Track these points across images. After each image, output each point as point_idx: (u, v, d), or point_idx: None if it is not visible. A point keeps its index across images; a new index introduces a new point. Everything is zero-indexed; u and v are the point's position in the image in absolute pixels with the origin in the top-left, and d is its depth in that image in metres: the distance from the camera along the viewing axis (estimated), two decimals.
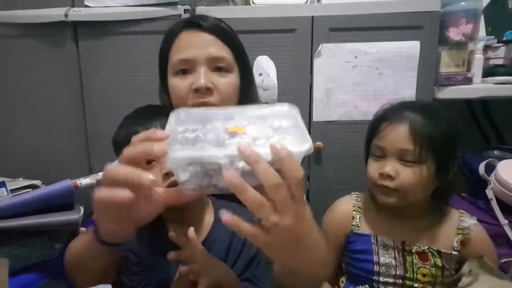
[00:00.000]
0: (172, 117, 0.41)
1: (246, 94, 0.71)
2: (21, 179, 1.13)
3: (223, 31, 0.67)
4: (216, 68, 0.66)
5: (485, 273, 0.66)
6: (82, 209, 0.90)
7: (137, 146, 0.38)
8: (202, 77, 0.63)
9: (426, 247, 0.71)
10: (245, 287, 0.59)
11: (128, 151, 0.38)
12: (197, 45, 0.64)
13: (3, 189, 0.96)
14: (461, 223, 0.73)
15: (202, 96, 0.63)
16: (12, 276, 0.79)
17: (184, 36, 0.67)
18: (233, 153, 0.35)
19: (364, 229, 0.76)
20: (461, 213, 0.76)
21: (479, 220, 0.91)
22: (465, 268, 0.67)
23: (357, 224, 0.77)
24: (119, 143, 0.61)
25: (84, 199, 0.92)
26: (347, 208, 0.80)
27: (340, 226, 0.79)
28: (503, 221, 0.88)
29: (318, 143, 1.12)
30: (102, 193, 0.39)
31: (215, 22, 0.67)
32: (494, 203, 0.91)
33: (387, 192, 0.70)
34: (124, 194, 0.37)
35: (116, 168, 0.38)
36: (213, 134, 0.38)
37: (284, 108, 0.45)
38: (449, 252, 0.70)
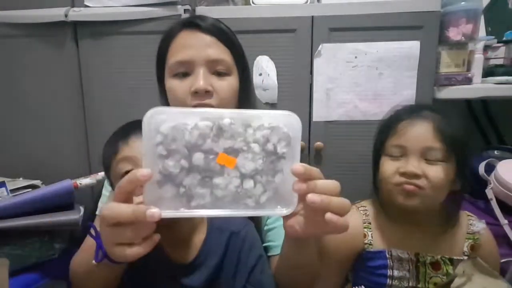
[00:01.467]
0: (156, 134, 0.38)
1: (245, 96, 0.70)
2: (21, 179, 1.13)
3: (222, 33, 0.66)
4: (215, 71, 0.64)
5: (479, 273, 0.65)
6: (82, 209, 0.90)
7: (124, 185, 0.38)
8: (202, 79, 0.62)
9: (439, 256, 0.69)
10: None
11: (117, 193, 0.38)
12: (196, 46, 0.63)
13: (3, 189, 0.96)
14: (470, 227, 0.71)
15: (201, 99, 0.63)
16: (12, 276, 0.79)
17: (182, 36, 0.65)
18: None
19: (378, 245, 0.73)
20: (468, 215, 0.74)
21: None
22: (459, 268, 0.66)
23: (370, 242, 0.73)
24: (106, 163, 0.58)
25: (84, 199, 0.92)
26: (357, 225, 0.74)
27: (351, 247, 0.74)
28: (503, 221, 0.88)
29: (318, 143, 1.12)
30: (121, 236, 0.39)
31: (214, 23, 0.66)
32: (494, 203, 0.91)
33: (410, 193, 0.66)
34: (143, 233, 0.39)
35: (118, 209, 0.38)
36: (200, 164, 0.38)
37: (286, 119, 0.40)
38: (461, 258, 0.69)
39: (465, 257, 0.69)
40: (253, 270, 0.59)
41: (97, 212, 0.75)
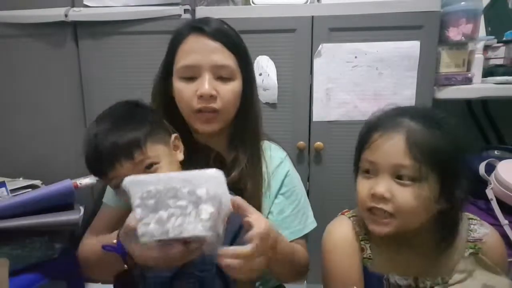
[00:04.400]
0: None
1: (248, 98, 0.74)
2: (21, 179, 1.13)
3: (227, 37, 0.69)
4: (220, 76, 0.68)
5: (480, 269, 0.60)
6: (82, 209, 0.90)
7: None
8: (206, 84, 0.66)
9: (439, 279, 0.61)
10: None
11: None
12: (202, 51, 0.66)
13: (3, 189, 0.95)
14: (471, 234, 0.62)
15: (206, 102, 0.67)
16: (12, 276, 0.78)
17: (189, 41, 0.68)
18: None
19: (376, 264, 0.63)
20: (470, 218, 0.64)
21: None
22: (460, 265, 0.61)
23: (369, 257, 0.63)
24: (89, 164, 0.65)
25: (84, 199, 0.91)
26: (350, 238, 0.64)
27: (351, 263, 0.63)
28: (503, 221, 0.88)
29: (318, 143, 1.12)
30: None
31: (220, 28, 0.69)
32: (494, 203, 0.90)
33: (380, 219, 0.57)
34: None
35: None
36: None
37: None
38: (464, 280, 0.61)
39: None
40: None
41: (104, 200, 0.80)
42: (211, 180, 0.50)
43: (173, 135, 0.68)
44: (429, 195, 0.55)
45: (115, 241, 0.54)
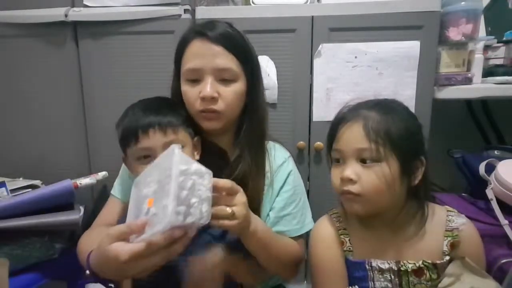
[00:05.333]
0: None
1: (253, 98, 0.77)
2: (21, 179, 1.13)
3: (230, 41, 0.71)
4: (222, 79, 0.71)
5: (467, 272, 0.63)
6: (82, 209, 0.90)
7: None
8: (209, 87, 0.69)
9: (420, 262, 0.65)
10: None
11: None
12: (205, 56, 0.70)
13: (3, 189, 0.96)
14: (449, 224, 0.67)
15: (208, 104, 0.70)
16: (12, 276, 0.79)
17: (194, 45, 0.71)
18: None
19: (357, 253, 0.69)
20: (448, 210, 0.70)
21: (480, 221, 0.92)
22: (448, 269, 0.64)
23: (349, 249, 0.69)
24: (122, 132, 0.70)
25: (84, 199, 0.92)
26: (332, 233, 0.71)
27: (334, 255, 0.69)
28: (503, 221, 0.88)
29: (318, 143, 1.12)
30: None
31: (222, 32, 0.71)
32: (494, 203, 0.90)
33: (351, 198, 0.64)
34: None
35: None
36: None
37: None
38: (443, 261, 0.65)
39: (447, 257, 0.65)
40: None
41: (111, 192, 0.84)
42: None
43: (196, 137, 0.75)
44: (390, 173, 0.62)
45: (87, 271, 0.56)
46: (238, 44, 0.72)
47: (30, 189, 1.03)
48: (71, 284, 1.02)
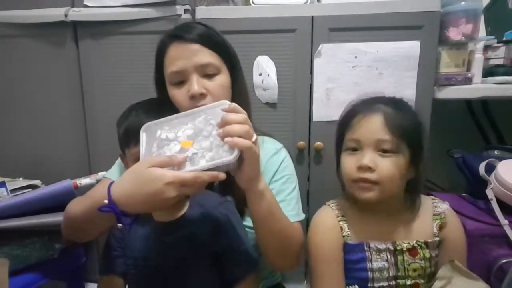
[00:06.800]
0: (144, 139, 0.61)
1: (237, 88, 0.79)
2: (21, 179, 1.13)
3: (205, 37, 0.73)
4: (206, 74, 0.73)
5: (458, 275, 0.67)
6: None
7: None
8: (195, 85, 0.70)
9: (414, 242, 0.71)
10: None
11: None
12: (185, 56, 0.72)
13: (3, 189, 0.96)
14: (436, 209, 0.74)
15: (198, 101, 0.71)
16: (12, 276, 0.79)
17: (173, 48, 0.73)
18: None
19: (355, 237, 0.73)
20: (433, 199, 0.77)
21: (480, 221, 0.92)
22: (440, 273, 0.68)
23: (348, 234, 0.73)
24: (123, 132, 0.70)
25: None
26: (331, 220, 0.75)
27: (333, 239, 0.73)
28: (503, 221, 0.88)
29: (318, 143, 1.12)
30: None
31: (198, 31, 0.73)
32: (494, 203, 0.90)
33: (366, 186, 0.68)
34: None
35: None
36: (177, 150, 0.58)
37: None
38: (433, 240, 0.71)
39: (436, 238, 0.71)
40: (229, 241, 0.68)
41: (106, 175, 0.85)
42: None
43: None
44: (404, 164, 0.68)
45: (106, 201, 0.55)
46: (213, 39, 0.74)
47: (30, 189, 1.03)
48: (71, 284, 1.02)
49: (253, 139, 0.56)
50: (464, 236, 0.75)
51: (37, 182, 1.08)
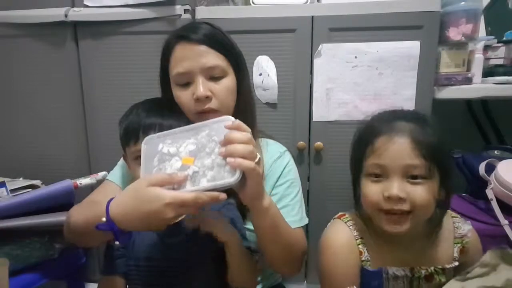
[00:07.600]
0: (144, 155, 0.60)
1: (243, 90, 0.77)
2: (21, 179, 1.13)
3: (212, 39, 0.72)
4: (212, 77, 0.72)
5: (504, 263, 0.60)
6: None
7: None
8: (201, 87, 0.69)
9: (432, 268, 0.66)
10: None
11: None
12: (191, 58, 0.70)
13: (3, 189, 0.96)
14: (457, 230, 0.68)
15: (203, 104, 0.70)
16: (12, 276, 0.79)
17: (178, 49, 0.72)
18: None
19: (374, 263, 0.67)
20: (453, 217, 0.70)
21: (480, 221, 0.92)
22: (484, 258, 0.62)
23: (367, 259, 0.66)
24: (124, 130, 0.70)
25: (84, 199, 0.91)
26: (350, 242, 0.68)
27: (351, 265, 0.67)
28: (503, 221, 0.88)
29: (318, 143, 1.12)
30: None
31: (204, 32, 0.72)
32: (494, 203, 0.91)
33: (397, 219, 0.60)
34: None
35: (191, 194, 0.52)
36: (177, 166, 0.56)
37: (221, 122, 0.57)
38: (452, 266, 0.66)
39: (456, 263, 0.66)
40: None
41: (108, 177, 0.83)
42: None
43: None
44: (436, 188, 0.61)
45: (104, 219, 0.54)
46: (220, 40, 0.73)
47: (30, 189, 1.03)
48: (71, 284, 1.02)
49: (257, 160, 0.53)
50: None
51: (37, 182, 1.08)
